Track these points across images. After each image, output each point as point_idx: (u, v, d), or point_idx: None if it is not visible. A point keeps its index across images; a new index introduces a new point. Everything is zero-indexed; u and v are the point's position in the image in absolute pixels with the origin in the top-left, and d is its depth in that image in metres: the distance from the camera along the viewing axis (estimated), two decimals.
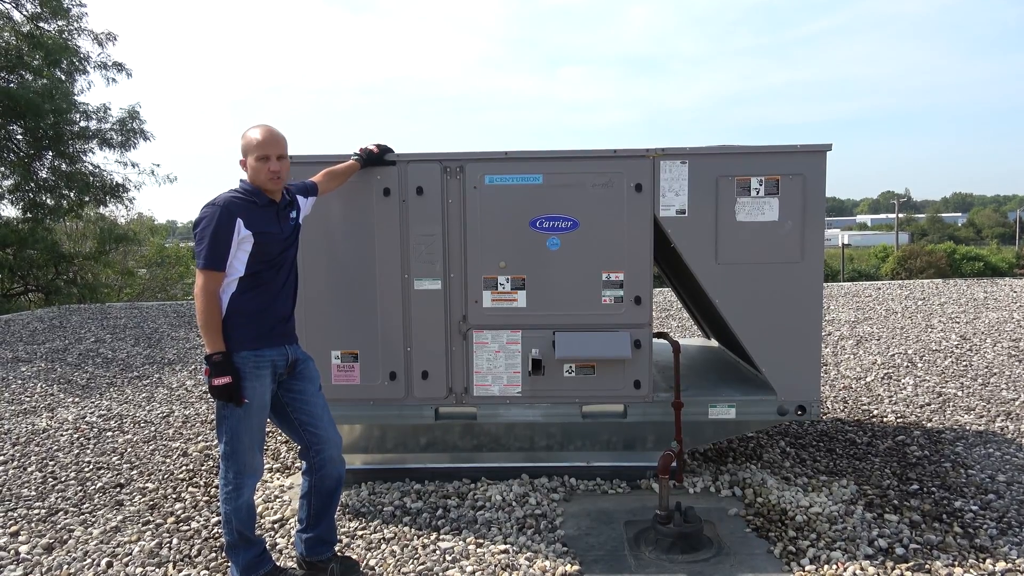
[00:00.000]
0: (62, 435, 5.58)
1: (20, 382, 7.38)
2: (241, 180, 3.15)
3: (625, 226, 3.96)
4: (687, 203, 3.93)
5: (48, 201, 16.85)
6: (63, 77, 15.98)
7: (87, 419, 6.00)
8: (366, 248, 4.02)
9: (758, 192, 3.91)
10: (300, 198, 3.39)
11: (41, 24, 16.24)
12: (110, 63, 16.78)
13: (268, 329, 3.08)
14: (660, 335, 4.24)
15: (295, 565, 3.39)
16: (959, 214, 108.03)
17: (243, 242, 2.98)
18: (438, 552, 3.48)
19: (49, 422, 5.96)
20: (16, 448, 5.30)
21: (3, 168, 16.28)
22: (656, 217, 3.95)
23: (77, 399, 6.69)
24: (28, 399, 6.73)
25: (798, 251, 3.94)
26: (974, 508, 3.82)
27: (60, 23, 16.37)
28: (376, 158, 3.93)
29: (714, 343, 5.73)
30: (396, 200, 3.99)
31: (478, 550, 3.49)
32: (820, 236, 3.96)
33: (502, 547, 3.51)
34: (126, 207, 18.96)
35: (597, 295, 4.01)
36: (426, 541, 3.60)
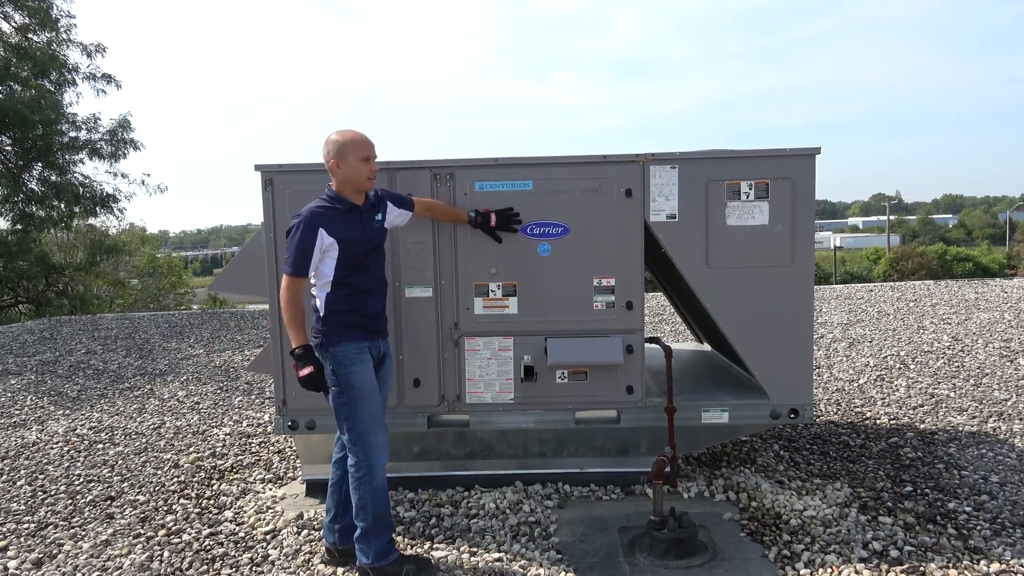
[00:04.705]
0: (52, 448, 5.54)
1: (10, 395, 7.33)
2: (327, 187, 3.28)
3: (616, 231, 3.96)
4: (677, 208, 3.93)
5: (38, 212, 16.76)
6: (52, 88, 15.90)
7: (77, 431, 5.95)
8: None
9: (748, 196, 3.91)
10: (390, 204, 3.49)
11: (30, 35, 16.17)
12: (99, 75, 16.72)
13: (361, 325, 3.27)
14: (652, 340, 4.24)
15: (324, 554, 3.50)
16: (950, 215, 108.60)
17: (328, 250, 3.17)
18: (432, 561, 3.46)
19: (39, 435, 5.91)
20: (5, 462, 5.25)
21: None
22: (646, 222, 3.95)
23: (67, 411, 6.64)
24: (18, 412, 6.68)
25: (788, 254, 3.94)
26: (968, 509, 3.82)
27: (49, 34, 16.30)
28: (488, 227, 3.91)
29: (707, 347, 5.73)
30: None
31: (472, 559, 3.47)
32: (810, 239, 3.96)
33: (496, 555, 3.49)
34: (117, 217, 18.88)
35: (589, 301, 4.00)
36: (420, 550, 3.57)
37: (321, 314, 3.23)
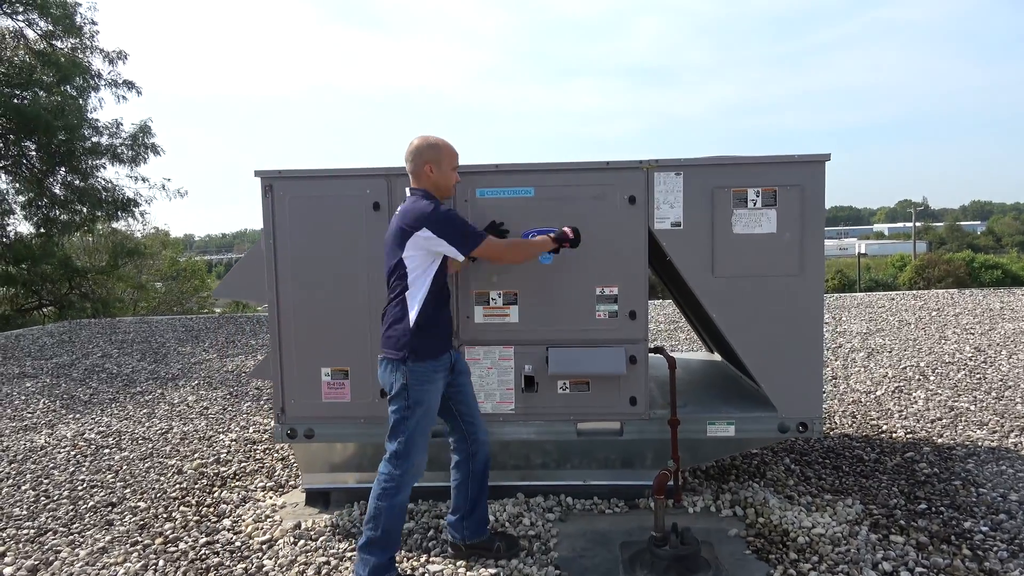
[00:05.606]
0: (59, 452, 5.55)
1: (24, 398, 7.38)
2: (416, 190, 3.24)
3: (619, 239, 3.87)
4: (682, 215, 3.84)
5: (61, 216, 17.02)
6: (75, 94, 16.15)
7: (85, 436, 5.97)
8: (356, 263, 3.96)
9: (755, 203, 3.81)
10: None
11: (54, 42, 16.44)
12: (120, 81, 16.96)
13: (447, 336, 3.30)
14: (656, 350, 4.14)
15: (449, 549, 3.56)
16: (978, 222, 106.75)
17: (440, 254, 3.17)
18: None
19: (47, 439, 5.93)
20: (12, 466, 5.27)
21: (17, 184, 16.46)
22: (651, 230, 3.86)
23: (78, 415, 6.67)
24: (30, 415, 6.72)
25: (797, 263, 3.83)
26: (984, 529, 3.68)
27: (73, 41, 16.57)
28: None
29: (717, 357, 5.62)
30: (386, 214, 3.92)
31: (468, 573, 3.40)
32: (820, 248, 3.85)
33: (492, 571, 3.41)
34: (140, 221, 19.14)
35: (591, 310, 3.92)
36: (415, 564, 3.51)
37: (411, 326, 3.14)
